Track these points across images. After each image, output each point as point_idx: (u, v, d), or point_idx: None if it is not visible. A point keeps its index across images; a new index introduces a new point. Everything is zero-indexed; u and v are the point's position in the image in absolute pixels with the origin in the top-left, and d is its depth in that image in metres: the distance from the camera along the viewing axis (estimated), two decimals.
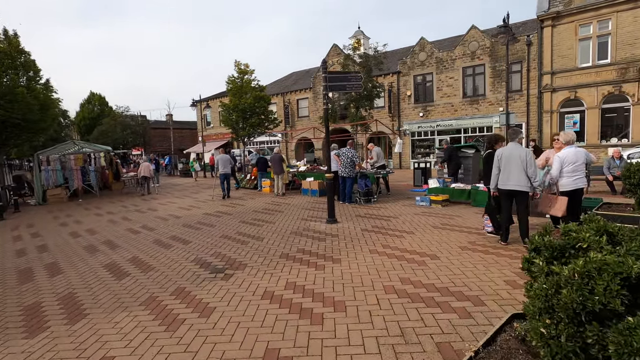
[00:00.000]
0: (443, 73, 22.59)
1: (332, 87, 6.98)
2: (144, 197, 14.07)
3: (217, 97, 34.31)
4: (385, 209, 8.84)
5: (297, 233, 6.63)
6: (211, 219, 8.54)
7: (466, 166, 11.58)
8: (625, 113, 17.97)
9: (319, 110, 27.97)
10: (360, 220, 7.55)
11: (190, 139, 45.41)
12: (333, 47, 27.06)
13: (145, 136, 39.70)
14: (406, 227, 6.72)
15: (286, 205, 10.08)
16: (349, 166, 9.53)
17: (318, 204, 10.19)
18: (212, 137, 35.28)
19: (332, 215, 7.27)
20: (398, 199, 10.46)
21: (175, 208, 10.79)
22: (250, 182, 15.21)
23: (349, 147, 9.80)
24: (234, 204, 10.83)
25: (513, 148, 5.14)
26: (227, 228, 7.43)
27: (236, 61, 20.76)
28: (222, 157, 12.55)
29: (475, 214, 7.76)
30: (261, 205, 10.45)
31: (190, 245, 6.18)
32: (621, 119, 18.01)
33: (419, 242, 5.59)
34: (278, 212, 9.00)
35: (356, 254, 5.13)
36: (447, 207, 8.82)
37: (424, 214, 7.99)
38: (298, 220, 7.82)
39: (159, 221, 8.76)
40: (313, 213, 8.68)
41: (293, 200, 11.21)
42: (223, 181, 12.41)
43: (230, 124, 21.02)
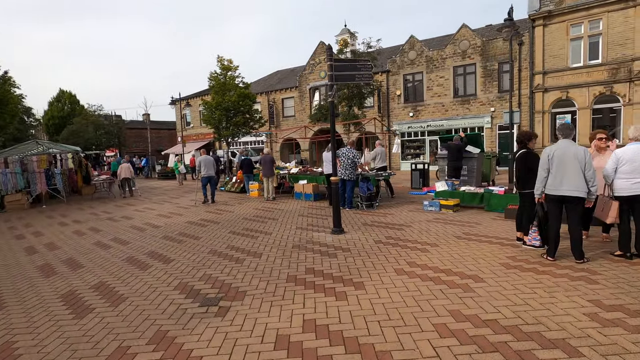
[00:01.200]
0: (433, 72, 22.09)
1: (339, 77, 6.05)
2: (117, 204, 12.70)
3: (198, 96, 32.78)
4: (392, 215, 7.98)
5: (300, 247, 5.64)
6: (196, 229, 7.43)
7: (470, 167, 10.90)
8: (615, 114, 17.93)
9: (305, 109, 27.03)
10: (369, 229, 6.64)
11: (168, 140, 43.49)
12: (320, 45, 26.18)
13: (121, 136, 37.58)
14: (425, 237, 5.85)
15: (279, 212, 9.06)
16: (349, 168, 8.62)
17: (315, 209, 9.22)
18: (192, 137, 33.70)
19: (338, 225, 6.32)
20: (401, 203, 9.63)
21: (153, 216, 9.57)
22: (236, 185, 14.07)
23: (349, 147, 8.89)
24: (220, 211, 9.71)
25: (567, 146, 4.34)
26: (216, 241, 6.35)
27: (219, 56, 19.54)
28: (205, 158, 11.34)
29: (493, 220, 7.00)
30: (251, 211, 9.38)
31: (172, 264, 5.09)
32: (612, 120, 17.95)
33: (449, 258, 4.71)
34: (272, 220, 7.98)
35: (380, 276, 4.20)
36: (459, 212, 8.04)
37: (437, 220, 7.16)
38: (298, 230, 6.82)
39: (134, 232, 7.57)
40: (312, 221, 7.70)
41: (286, 205, 10.19)
42: (205, 185, 11.28)
43: (212, 123, 19.75)
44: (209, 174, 11.10)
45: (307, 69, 26.85)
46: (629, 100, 17.08)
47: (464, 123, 21.44)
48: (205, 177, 11.10)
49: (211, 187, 11.35)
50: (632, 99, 17.01)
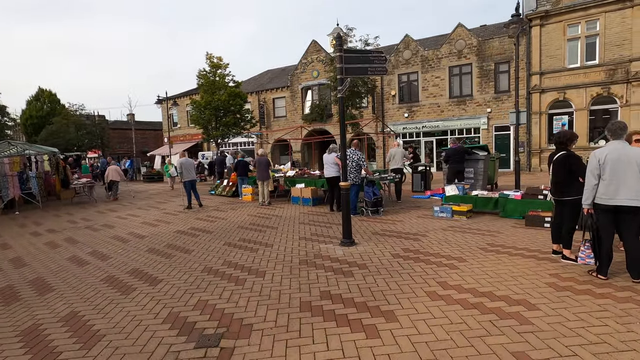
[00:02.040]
0: (429, 72, 21.68)
1: (351, 70, 5.38)
2: (99, 209, 11.74)
3: (185, 95, 31.73)
4: (402, 222, 7.35)
5: (308, 262, 4.94)
6: (186, 240, 6.64)
7: (476, 170, 10.38)
8: (609, 115, 17.79)
9: (297, 110, 26.31)
10: (382, 240, 5.98)
11: (154, 141, 42.15)
12: (312, 44, 25.53)
13: (104, 137, 36.14)
14: (447, 250, 5.22)
15: (278, 219, 8.34)
16: (354, 171, 7.95)
17: (316, 215, 8.53)
18: (180, 138, 32.60)
19: (348, 236, 5.64)
20: (406, 208, 9.03)
21: (137, 224, 8.71)
22: (228, 189, 13.26)
23: (353, 149, 8.22)
24: (212, 218, 8.92)
25: (621, 148, 3.76)
26: (210, 255, 5.59)
27: (208, 53, 18.74)
28: (186, 161, 10.59)
29: (514, 228, 6.43)
30: (246, 218, 8.62)
31: (160, 287, 4.32)
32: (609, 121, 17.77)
33: (484, 277, 4.09)
34: (271, 229, 7.25)
35: (412, 302, 3.53)
36: (473, 218, 7.47)
37: (453, 229, 6.55)
38: (302, 241, 6.12)
39: (115, 244, 6.73)
40: (316, 229, 7.00)
41: (283, 211, 9.47)
42: (190, 189, 10.54)
43: (201, 123, 18.87)
44: (192, 178, 10.46)
45: (299, 68, 26.14)
46: (627, 102, 16.95)
47: (459, 124, 21.08)
48: (189, 182, 10.41)
49: (194, 192, 10.67)
50: (629, 100, 16.88)
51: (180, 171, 10.40)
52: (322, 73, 25.14)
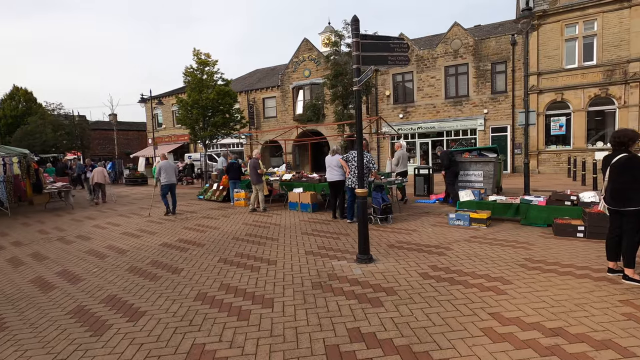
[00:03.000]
0: (424, 72, 21.17)
1: (368, 58, 4.62)
2: (74, 217, 10.66)
3: (171, 94, 30.50)
4: (416, 232, 6.62)
5: (323, 286, 4.14)
6: (173, 256, 5.74)
7: (486, 173, 9.78)
8: (602, 117, 17.60)
9: (288, 110, 25.48)
10: (401, 254, 5.23)
11: (137, 142, 40.65)
12: (304, 42, 24.76)
13: (84, 138, 34.51)
14: (482, 267, 4.50)
15: (277, 228, 7.50)
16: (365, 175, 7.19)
17: (318, 224, 7.73)
18: (165, 139, 31.33)
19: (365, 251, 4.86)
20: (415, 214, 8.32)
21: (118, 234, 7.73)
22: (218, 193, 12.32)
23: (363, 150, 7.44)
24: (202, 227, 8.02)
25: None
26: (203, 275, 4.73)
27: (195, 50, 17.65)
28: (165, 164, 9.87)
29: (544, 239, 5.78)
30: (241, 227, 7.75)
31: (142, 322, 3.45)
32: (607, 123, 17.59)
33: (544, 306, 3.37)
34: (271, 241, 6.41)
35: (468, 344, 2.78)
36: (493, 227, 6.81)
37: (477, 240, 5.86)
38: (309, 257, 5.31)
39: (90, 261, 5.78)
40: (323, 241, 6.20)
41: (281, 218, 8.63)
42: (166, 194, 9.81)
43: (188, 123, 17.81)
44: (171, 181, 9.75)
45: (290, 67, 25.32)
46: (624, 103, 16.76)
47: (456, 125, 20.62)
48: (166, 185, 9.71)
49: (172, 196, 9.93)
50: (627, 102, 16.69)
51: (158, 175, 9.75)
52: (314, 72, 24.42)
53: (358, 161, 4.92)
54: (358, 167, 4.97)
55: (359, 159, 4.91)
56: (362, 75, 4.57)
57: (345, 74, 14.46)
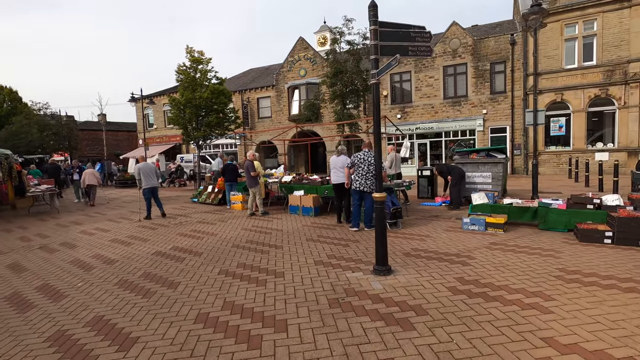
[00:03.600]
0: (422, 72, 20.85)
1: (387, 48, 4.16)
2: (60, 222, 10.00)
3: (162, 94, 29.73)
4: (430, 238, 6.18)
5: (341, 304, 3.65)
6: (168, 267, 5.20)
7: (494, 174, 9.41)
8: (598, 117, 17.47)
9: (284, 110, 24.98)
10: (421, 264, 4.78)
11: (127, 143, 39.71)
12: (299, 41, 24.29)
13: (72, 139, 33.51)
14: (515, 280, 4.07)
15: (279, 234, 7.00)
16: (371, 177, 6.75)
17: (323, 229, 7.24)
18: (156, 140, 30.53)
19: (383, 261, 4.39)
20: (423, 218, 7.89)
21: (106, 242, 7.14)
22: (213, 196, 11.76)
23: (367, 150, 7.00)
24: (198, 233, 7.47)
25: None
26: (203, 291, 4.21)
27: (188, 47, 17.06)
28: (145, 166, 9.32)
29: (568, 244, 5.38)
30: (241, 233, 7.23)
31: (134, 350, 2.93)
32: (607, 123, 17.45)
33: (601, 328, 2.94)
34: (275, 249, 5.91)
35: None
36: (510, 232, 6.41)
37: (498, 247, 5.44)
38: (320, 267, 4.82)
39: (75, 273, 5.21)
40: (331, 249, 5.72)
41: (282, 223, 8.13)
42: (149, 198, 9.34)
43: (181, 123, 17.18)
44: (152, 185, 9.27)
45: (285, 66, 24.82)
46: (625, 103, 16.63)
47: (454, 126, 20.33)
48: (147, 189, 9.23)
49: (156, 200, 9.46)
50: (627, 102, 16.56)
51: (139, 177, 9.22)
52: (310, 72, 23.96)
53: (376, 161, 4.44)
54: (376, 168, 4.49)
55: (377, 160, 4.43)
56: (384, 66, 4.11)
57: (345, 72, 14.01)
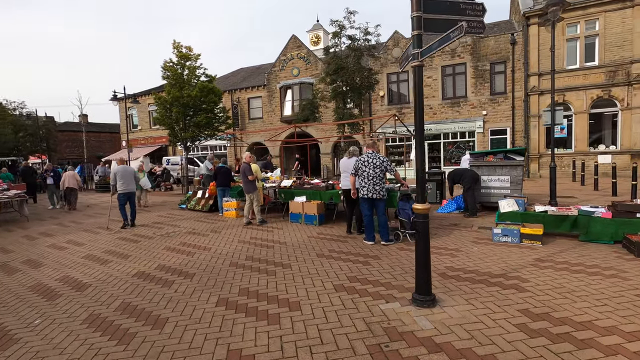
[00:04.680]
0: None
1: (432, 23, 3.33)
2: (28, 232, 8.81)
3: (147, 93, 28.38)
4: (461, 252, 5.35)
5: (383, 352, 2.75)
6: (153, 295, 4.21)
7: (513, 178, 8.68)
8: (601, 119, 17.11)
9: (275, 110, 24.02)
10: (465, 288, 3.92)
11: (110, 145, 38.06)
12: (292, 39, 23.41)
13: (50, 140, 31.79)
14: (596, 313, 3.24)
15: (282, 247, 6.05)
16: (380, 182, 5.87)
17: (332, 241, 6.33)
18: (141, 141, 29.13)
19: (427, 290, 3.51)
20: (443, 227, 7.07)
21: (79, 258, 6.07)
22: (204, 202, 10.71)
23: (370, 151, 6.11)
24: (188, 247, 6.46)
25: None
26: (200, 331, 3.24)
27: (175, 42, 15.98)
28: (123, 169, 8.51)
29: (624, 260, 4.62)
30: (238, 247, 6.25)
31: None
32: (610, 125, 17.08)
33: None
34: (282, 268, 4.96)
35: None
36: (548, 244, 5.63)
37: (546, 264, 4.63)
38: (344, 295, 3.90)
39: (34, 303, 4.17)
40: (350, 268, 4.81)
41: (284, 233, 7.18)
42: (124, 203, 8.51)
43: (168, 123, 16.06)
44: (129, 190, 8.47)
45: (277, 65, 23.88)
46: (627, 105, 16.28)
47: (453, 127, 19.73)
48: (123, 194, 8.42)
49: (131, 207, 8.66)
50: (630, 103, 16.21)
51: (114, 182, 8.40)
52: (303, 71, 23.09)
53: (417, 163, 3.56)
54: (417, 173, 3.61)
55: (419, 165, 3.56)
56: (435, 42, 3.27)
57: (347, 69, 13.14)
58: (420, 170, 3.54)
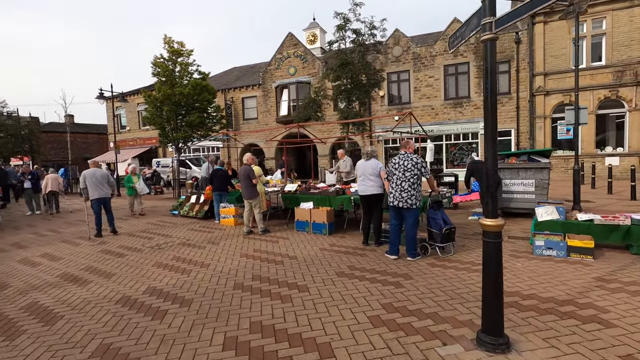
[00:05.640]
0: (421, 71, 19.58)
1: None
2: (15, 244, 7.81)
3: (136, 93, 27.25)
4: (506, 270, 4.58)
5: None
6: (142, 331, 3.33)
7: (539, 181, 7.99)
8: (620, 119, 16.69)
9: (271, 110, 23.17)
10: (536, 323, 3.14)
11: (97, 146, 36.73)
12: (288, 37, 22.62)
13: (33, 141, 30.41)
14: None
15: (294, 263, 5.22)
16: (412, 188, 5.06)
17: (350, 254, 5.51)
18: (129, 142, 27.95)
19: (498, 331, 2.72)
20: (466, 238, 6.32)
21: (53, 277, 5.14)
22: (198, 208, 9.80)
23: (404, 152, 5.33)
24: (182, 262, 5.58)
25: None
26: None
27: (166, 36, 15.02)
28: (92, 173, 7.59)
29: None
30: (241, 263, 5.39)
31: None
32: (617, 126, 16.65)
33: None
34: (298, 292, 4.12)
35: None
36: (600, 258, 4.91)
37: (613, 285, 3.89)
38: (385, 332, 3.09)
39: None
40: (380, 292, 4.00)
41: (291, 244, 6.34)
42: (98, 210, 7.67)
43: (158, 122, 15.08)
44: (102, 195, 7.59)
45: (273, 64, 23.05)
46: (635, 106, 15.84)
47: (456, 128, 19.13)
48: (95, 201, 7.53)
49: (107, 213, 7.80)
50: (638, 104, 15.80)
51: (84, 186, 7.47)
52: (300, 70, 22.30)
53: (487, 167, 2.77)
54: (487, 177, 2.80)
55: (490, 162, 2.76)
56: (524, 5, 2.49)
57: (353, 64, 12.36)
58: (491, 174, 2.74)
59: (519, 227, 7.15)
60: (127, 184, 10.61)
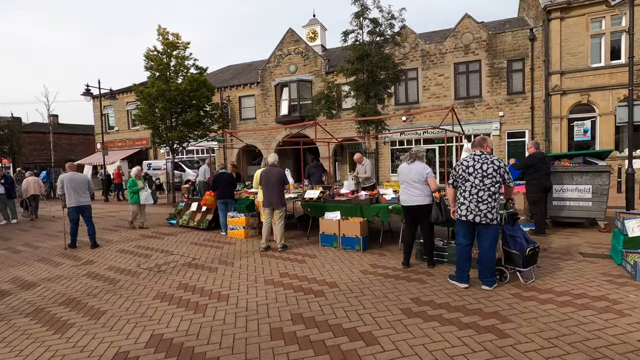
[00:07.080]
0: (430, 69, 18.65)
1: None
2: None
3: (126, 91, 25.75)
4: (622, 306, 3.52)
5: None
6: None
7: (597, 187, 6.99)
8: None
9: (270, 110, 21.99)
10: None
11: (83, 147, 34.89)
12: (289, 33, 21.50)
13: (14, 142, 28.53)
14: None
15: (338, 295, 4.06)
16: (491, 198, 3.96)
17: (404, 280, 4.38)
18: (118, 144, 26.41)
19: None
20: None
21: (21, 319, 3.86)
22: (200, 216, 8.55)
23: (479, 152, 4.21)
24: (191, 294, 4.36)
25: None
26: None
27: (160, 28, 13.76)
28: (70, 177, 6.55)
29: None
30: (269, 294, 4.20)
31: None
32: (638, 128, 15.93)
33: None
34: (365, 344, 2.95)
35: None
36: None
37: None
38: None
39: None
40: (478, 343, 2.87)
41: (321, 264, 5.19)
42: (76, 220, 6.64)
43: (151, 121, 13.77)
44: (82, 203, 6.56)
45: (272, 61, 21.88)
46: None
47: (467, 129, 18.11)
48: (73, 209, 6.49)
49: (87, 223, 6.72)
50: None
51: (62, 192, 6.44)
52: (301, 67, 21.18)
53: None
54: None
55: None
56: None
57: (372, 56, 11.26)
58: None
59: (582, 241, 6.15)
60: (131, 189, 8.66)
